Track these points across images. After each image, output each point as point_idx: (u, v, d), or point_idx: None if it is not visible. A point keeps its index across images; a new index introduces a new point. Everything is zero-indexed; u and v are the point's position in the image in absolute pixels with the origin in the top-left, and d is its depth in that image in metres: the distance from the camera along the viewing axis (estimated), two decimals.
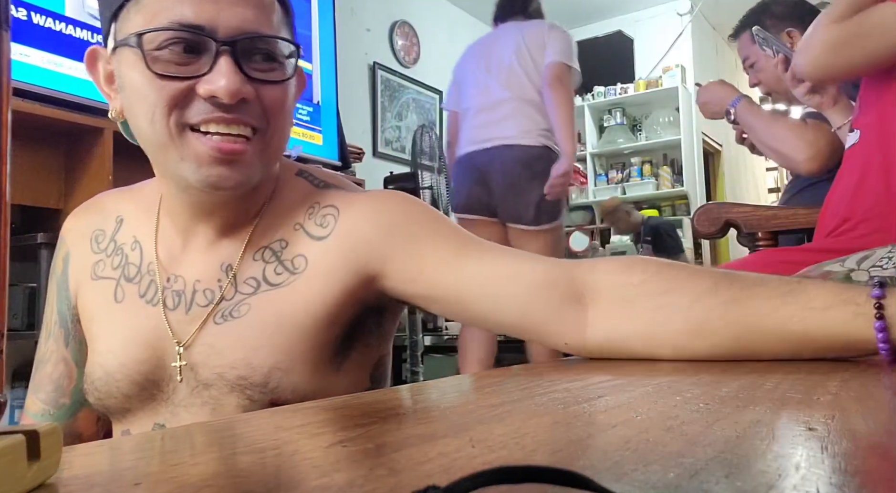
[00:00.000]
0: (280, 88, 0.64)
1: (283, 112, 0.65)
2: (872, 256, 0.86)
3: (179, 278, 0.69)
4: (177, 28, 0.59)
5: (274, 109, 0.63)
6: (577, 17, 5.00)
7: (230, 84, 0.59)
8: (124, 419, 0.70)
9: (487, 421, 0.37)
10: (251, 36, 0.61)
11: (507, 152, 2.34)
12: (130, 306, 0.69)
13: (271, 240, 0.68)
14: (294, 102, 0.69)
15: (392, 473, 0.27)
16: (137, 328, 0.68)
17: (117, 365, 0.68)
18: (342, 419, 0.42)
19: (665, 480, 0.24)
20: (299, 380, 0.64)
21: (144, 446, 0.37)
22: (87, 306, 0.73)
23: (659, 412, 0.38)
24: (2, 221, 0.27)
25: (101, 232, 0.75)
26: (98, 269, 0.73)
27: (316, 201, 0.70)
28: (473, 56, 2.57)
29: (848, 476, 0.24)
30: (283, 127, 0.66)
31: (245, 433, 0.39)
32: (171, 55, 0.60)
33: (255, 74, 0.61)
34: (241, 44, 0.60)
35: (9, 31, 0.28)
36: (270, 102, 0.63)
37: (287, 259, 0.67)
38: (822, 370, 0.55)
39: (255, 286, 0.66)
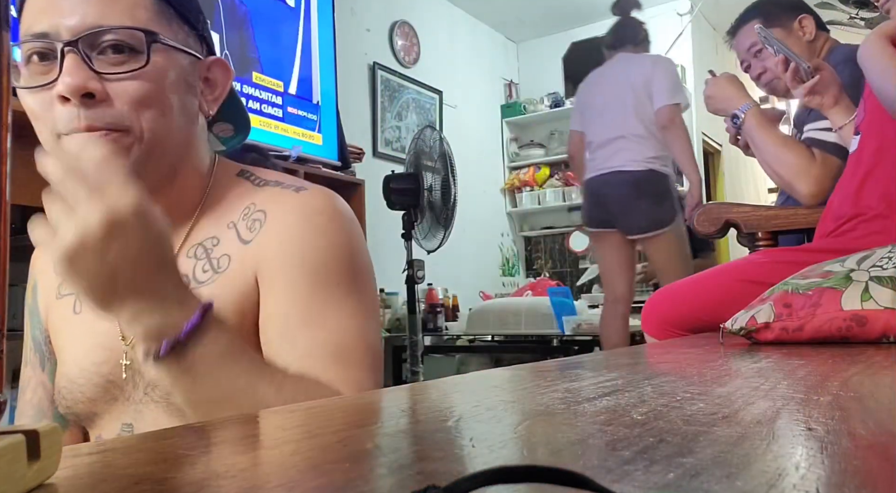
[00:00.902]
0: (140, 79, 0.61)
1: (150, 104, 0.62)
2: (872, 256, 0.86)
3: None
4: (28, 40, 0.60)
5: (137, 103, 0.61)
6: (578, 17, 5.00)
7: (73, 80, 0.58)
8: (95, 425, 0.71)
9: (487, 421, 0.37)
10: (92, 30, 0.60)
11: (618, 177, 2.75)
12: (86, 314, 0.70)
13: (205, 237, 0.69)
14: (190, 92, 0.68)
15: (392, 473, 0.27)
16: (93, 334, 0.69)
17: (78, 371, 0.69)
18: (342, 419, 0.42)
19: (665, 480, 0.24)
20: None
21: (144, 446, 0.37)
22: (53, 323, 0.76)
23: (659, 412, 0.38)
24: (2, 221, 0.27)
25: None
26: (61, 289, 0.75)
27: (252, 202, 0.70)
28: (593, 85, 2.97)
29: (848, 476, 0.24)
30: (156, 118, 0.63)
31: (245, 432, 0.39)
32: (34, 67, 0.61)
33: (107, 69, 0.60)
34: (84, 40, 0.59)
35: (9, 32, 0.28)
36: (131, 96, 0.61)
37: (215, 257, 0.68)
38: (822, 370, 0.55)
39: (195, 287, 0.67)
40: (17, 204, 2.22)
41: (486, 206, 4.88)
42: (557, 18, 5.05)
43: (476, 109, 4.92)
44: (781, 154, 1.49)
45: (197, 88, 0.70)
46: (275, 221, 0.68)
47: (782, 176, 1.50)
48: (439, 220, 2.66)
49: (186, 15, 0.68)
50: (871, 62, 1.20)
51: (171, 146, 0.66)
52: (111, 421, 0.69)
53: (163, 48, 0.63)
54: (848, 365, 0.61)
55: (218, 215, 0.70)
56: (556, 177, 5.11)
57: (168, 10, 0.65)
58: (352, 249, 0.69)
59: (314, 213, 0.68)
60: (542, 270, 5.13)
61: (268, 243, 0.67)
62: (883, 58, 1.43)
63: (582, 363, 0.72)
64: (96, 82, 0.60)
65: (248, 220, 0.69)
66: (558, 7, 4.87)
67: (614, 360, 0.80)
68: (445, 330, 3.37)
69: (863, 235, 1.17)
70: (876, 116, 1.19)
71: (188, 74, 0.67)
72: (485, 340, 3.25)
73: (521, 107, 5.19)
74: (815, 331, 0.82)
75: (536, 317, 2.93)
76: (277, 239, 0.67)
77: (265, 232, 0.67)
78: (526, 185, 5.12)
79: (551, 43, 5.29)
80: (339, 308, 0.66)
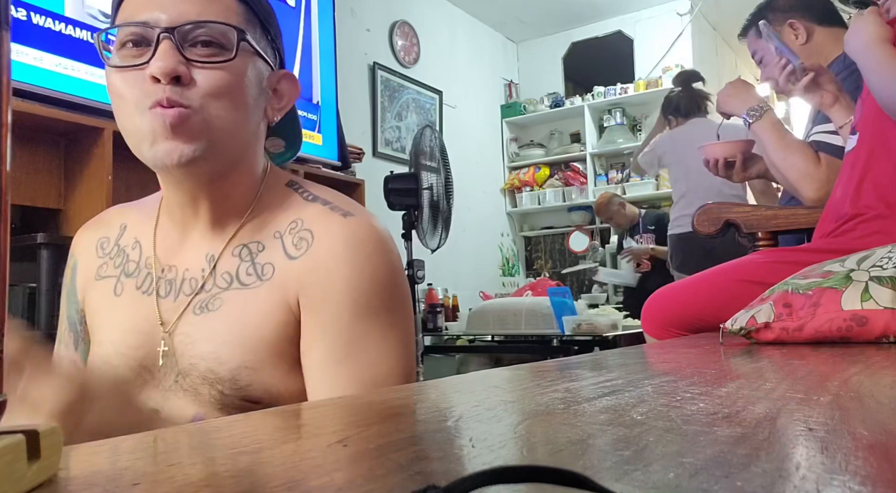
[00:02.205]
0: (221, 70, 0.67)
1: (226, 94, 0.67)
2: (872, 256, 0.86)
3: (173, 267, 0.73)
4: (124, 25, 0.66)
5: (213, 90, 0.66)
6: (577, 17, 5.00)
7: (165, 64, 0.64)
8: None
9: (487, 421, 0.37)
10: (189, 23, 0.66)
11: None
12: (128, 297, 0.74)
13: (251, 240, 0.72)
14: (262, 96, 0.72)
15: (392, 473, 0.27)
16: (132, 317, 0.72)
17: (114, 352, 0.72)
18: (342, 419, 0.42)
19: (665, 480, 0.24)
20: (271, 382, 0.67)
21: (143, 446, 0.37)
22: (91, 304, 0.78)
23: (659, 412, 0.38)
24: (2, 221, 0.27)
25: (105, 239, 0.80)
26: (102, 270, 0.78)
27: (300, 217, 0.73)
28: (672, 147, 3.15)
29: (848, 476, 0.24)
30: (228, 108, 0.68)
31: (244, 432, 0.39)
32: (128, 51, 0.66)
33: (194, 57, 0.66)
34: (180, 31, 0.65)
35: (9, 31, 0.28)
36: (209, 84, 0.66)
37: (259, 263, 0.71)
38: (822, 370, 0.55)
39: (229, 282, 0.70)
40: (17, 204, 2.22)
41: (486, 206, 4.88)
42: (557, 18, 5.05)
43: (476, 109, 4.92)
44: (788, 156, 1.49)
45: (268, 94, 0.74)
46: (321, 245, 0.70)
47: (788, 178, 1.50)
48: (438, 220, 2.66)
49: (268, 26, 0.74)
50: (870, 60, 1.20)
51: (235, 140, 0.70)
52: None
53: (247, 49, 0.69)
54: (848, 365, 0.61)
55: (265, 222, 0.73)
56: (556, 177, 5.11)
57: (254, 18, 0.71)
58: (393, 280, 0.72)
59: (360, 243, 0.71)
60: (542, 270, 5.13)
61: (314, 268, 0.69)
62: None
63: (582, 363, 0.72)
64: (185, 67, 0.65)
65: (295, 236, 0.71)
66: (558, 7, 4.87)
67: (614, 360, 0.80)
68: (445, 330, 3.37)
69: (863, 235, 1.17)
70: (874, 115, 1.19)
71: (262, 79, 0.72)
72: (485, 340, 3.25)
73: (521, 107, 5.19)
74: (815, 331, 0.82)
75: (536, 317, 2.93)
76: (325, 266, 0.69)
77: (311, 255, 0.70)
78: (526, 185, 5.12)
79: (551, 43, 5.29)
80: (380, 339, 0.70)
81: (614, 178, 4.91)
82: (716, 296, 1.26)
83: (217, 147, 0.68)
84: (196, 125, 0.65)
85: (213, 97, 0.66)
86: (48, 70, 1.95)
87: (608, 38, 5.09)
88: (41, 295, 1.85)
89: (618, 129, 4.94)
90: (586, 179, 4.96)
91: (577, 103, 5.00)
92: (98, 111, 2.01)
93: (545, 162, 5.15)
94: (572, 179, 5.05)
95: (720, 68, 5.34)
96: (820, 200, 1.44)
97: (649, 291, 1.50)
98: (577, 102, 5.00)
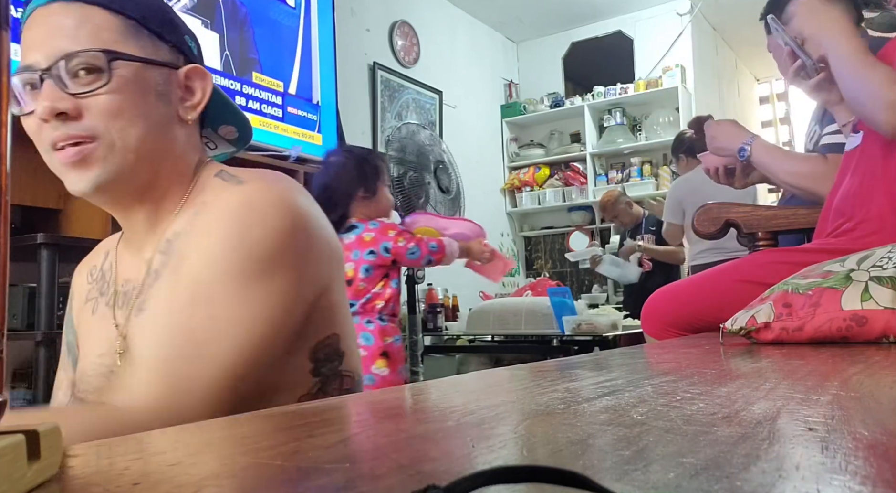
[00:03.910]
0: (106, 96, 0.68)
1: (118, 115, 0.69)
2: (872, 256, 0.86)
3: (128, 280, 0.77)
4: (18, 72, 0.69)
5: (106, 115, 0.68)
6: (577, 17, 4.99)
7: (45, 105, 0.66)
8: None
9: (487, 421, 0.37)
10: (60, 59, 0.67)
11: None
12: (99, 314, 0.78)
13: (173, 233, 0.73)
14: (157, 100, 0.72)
15: (392, 473, 0.27)
16: (100, 330, 0.76)
17: (88, 363, 0.76)
18: (342, 419, 0.42)
19: (665, 480, 0.24)
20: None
21: (144, 445, 0.37)
22: (79, 327, 0.83)
23: (659, 412, 0.38)
24: (2, 221, 0.27)
25: (94, 267, 0.85)
26: (89, 294, 0.82)
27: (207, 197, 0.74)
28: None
29: (848, 476, 0.24)
30: (125, 127, 0.69)
31: (244, 432, 0.39)
32: (28, 97, 0.69)
33: (78, 89, 0.68)
34: (56, 67, 0.67)
35: (9, 31, 0.28)
36: (97, 110, 0.68)
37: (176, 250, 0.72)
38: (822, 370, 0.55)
39: (155, 277, 0.72)
40: (17, 204, 2.22)
41: (486, 206, 4.88)
42: (557, 18, 5.05)
43: (476, 109, 4.92)
44: (796, 168, 1.50)
45: (171, 95, 0.74)
46: (209, 213, 0.71)
47: (804, 188, 1.51)
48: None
49: (156, 29, 0.73)
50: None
51: (145, 152, 0.71)
52: None
53: (127, 64, 0.70)
54: (848, 365, 0.61)
55: (187, 213, 0.74)
56: (556, 177, 5.11)
57: (135, 26, 0.71)
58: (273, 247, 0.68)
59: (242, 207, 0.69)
60: (542, 270, 5.13)
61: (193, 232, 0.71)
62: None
63: (582, 363, 0.72)
64: (66, 102, 0.67)
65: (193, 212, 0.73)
66: (558, 7, 4.87)
67: (614, 360, 0.80)
68: (445, 330, 3.37)
69: (863, 235, 1.17)
70: None
71: (158, 85, 0.72)
72: (485, 340, 3.25)
73: (521, 107, 5.19)
74: (815, 331, 0.82)
75: (536, 317, 2.93)
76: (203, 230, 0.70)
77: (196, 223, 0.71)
78: (526, 185, 5.11)
79: (551, 43, 5.28)
80: (234, 304, 0.66)
81: (614, 178, 4.91)
82: (716, 296, 1.26)
83: (125, 166, 0.70)
84: (97, 153, 0.68)
85: (106, 122, 0.68)
86: None
87: (608, 38, 5.09)
88: (41, 295, 1.85)
89: (618, 129, 4.94)
90: (586, 179, 4.96)
91: (577, 103, 4.99)
92: None
93: (545, 162, 5.15)
94: (572, 179, 5.04)
95: (720, 68, 5.34)
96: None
97: (649, 291, 1.50)
98: (577, 102, 5.00)
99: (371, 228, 1.99)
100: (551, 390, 0.48)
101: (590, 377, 0.55)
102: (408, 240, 1.99)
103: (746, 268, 1.31)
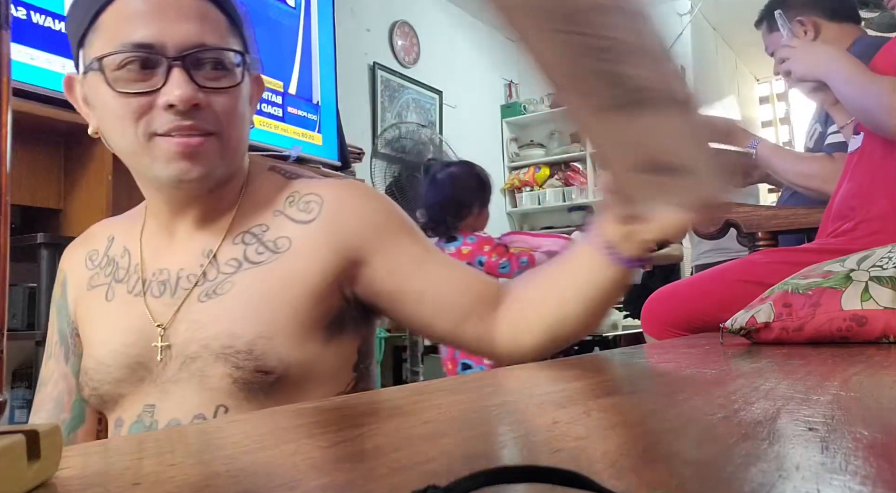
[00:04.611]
0: (230, 94, 0.70)
1: (235, 115, 0.71)
2: (872, 256, 0.86)
3: (165, 269, 0.75)
4: (129, 50, 0.66)
5: (226, 113, 0.70)
6: None
7: (184, 93, 0.66)
8: (117, 406, 0.74)
9: (487, 421, 0.37)
10: (197, 49, 0.68)
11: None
12: (119, 301, 0.76)
13: (251, 226, 0.75)
14: (249, 104, 0.76)
15: (392, 473, 0.27)
16: (125, 318, 0.74)
17: (107, 352, 0.73)
18: (342, 419, 0.42)
19: (665, 480, 0.24)
20: (284, 350, 0.69)
21: (144, 446, 0.37)
22: (82, 314, 0.80)
23: (659, 412, 0.38)
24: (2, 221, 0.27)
25: (94, 252, 0.83)
26: (93, 281, 0.80)
27: (295, 191, 0.77)
28: None
29: (848, 476, 0.24)
30: (238, 127, 0.72)
31: (244, 432, 0.39)
32: (130, 73, 0.67)
33: (206, 83, 0.68)
34: (190, 57, 0.67)
35: (9, 31, 0.28)
36: (222, 107, 0.70)
37: (269, 240, 0.74)
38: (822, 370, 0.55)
39: (237, 266, 0.73)
40: (17, 204, 2.22)
41: None
42: None
43: (476, 109, 4.92)
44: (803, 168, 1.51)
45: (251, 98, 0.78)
46: (335, 200, 0.75)
47: (813, 188, 1.52)
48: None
49: (244, 35, 0.76)
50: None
51: (241, 152, 0.75)
52: (134, 403, 0.72)
53: (241, 65, 0.72)
54: (848, 365, 0.61)
55: (258, 205, 0.76)
56: (556, 177, 5.11)
57: (234, 26, 0.74)
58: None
59: (365, 189, 0.79)
60: None
61: (340, 216, 0.74)
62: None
63: (582, 363, 0.72)
64: (202, 95, 0.68)
65: (300, 204, 0.76)
66: None
67: (614, 360, 0.80)
68: None
69: (863, 235, 1.17)
70: None
71: (249, 88, 0.76)
72: None
73: (521, 107, 5.19)
74: (815, 331, 0.82)
75: None
76: (353, 210, 0.75)
77: (329, 209, 0.74)
78: (526, 185, 5.11)
79: None
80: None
81: None
82: (716, 296, 1.26)
83: (226, 164, 0.72)
84: (212, 148, 0.69)
85: (225, 119, 0.70)
86: (48, 70, 1.95)
87: None
88: (41, 295, 1.85)
89: None
90: (586, 179, 4.96)
91: None
92: None
93: (545, 162, 5.15)
94: (572, 179, 5.04)
95: (720, 68, 5.33)
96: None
97: (649, 291, 1.50)
98: None
99: (469, 243, 2.10)
100: (551, 390, 0.48)
101: (590, 377, 0.55)
102: (500, 255, 2.10)
103: (746, 268, 1.31)
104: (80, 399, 0.79)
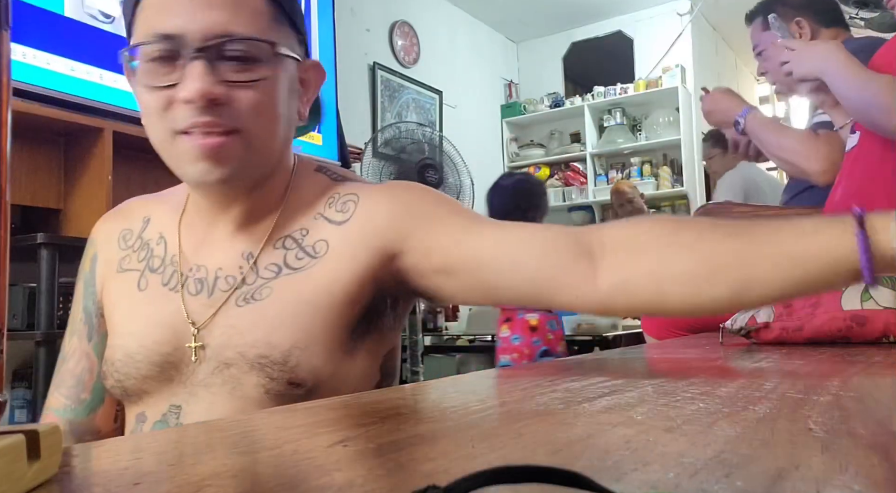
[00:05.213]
0: (258, 88, 0.65)
1: (263, 111, 0.66)
2: None
3: (202, 266, 0.72)
4: (152, 41, 0.63)
5: (252, 109, 0.65)
6: (577, 17, 4.99)
7: (198, 87, 0.61)
8: (140, 402, 0.71)
9: (487, 421, 0.37)
10: (221, 40, 0.63)
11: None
12: (153, 293, 0.72)
13: (292, 230, 0.72)
14: (298, 98, 0.72)
15: (392, 473, 0.27)
16: (158, 312, 0.71)
17: (137, 346, 0.70)
18: (342, 419, 0.42)
19: (665, 480, 0.24)
20: (316, 362, 0.66)
21: (144, 445, 0.37)
22: (111, 297, 0.76)
23: (659, 412, 0.38)
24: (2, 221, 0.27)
25: (128, 231, 0.78)
26: (124, 263, 0.76)
27: (336, 192, 0.73)
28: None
29: (848, 476, 0.24)
30: (266, 125, 0.67)
31: (245, 432, 0.39)
32: (157, 67, 0.64)
33: (231, 76, 0.64)
34: (213, 48, 0.63)
35: (9, 31, 0.28)
36: (248, 102, 0.64)
37: (308, 245, 0.70)
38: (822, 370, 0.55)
39: (277, 271, 0.70)
40: (17, 204, 2.22)
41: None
42: (557, 18, 5.04)
43: (476, 109, 4.92)
44: (785, 141, 1.50)
45: (298, 91, 0.73)
46: (370, 197, 0.71)
47: (792, 162, 1.51)
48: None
49: (295, 19, 0.71)
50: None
51: (274, 151, 0.70)
52: (160, 401, 0.70)
53: (281, 58, 0.67)
54: (848, 365, 0.61)
55: (301, 208, 0.73)
56: (556, 177, 5.11)
57: (282, 16, 0.68)
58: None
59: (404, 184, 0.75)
60: None
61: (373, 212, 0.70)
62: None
63: (582, 363, 0.72)
64: (220, 88, 0.63)
65: (337, 204, 0.72)
66: (558, 7, 4.87)
67: (614, 360, 0.80)
68: (445, 330, 3.37)
69: None
70: None
71: (293, 80, 0.71)
72: (485, 340, 3.25)
73: (521, 107, 5.19)
74: (815, 331, 0.82)
75: None
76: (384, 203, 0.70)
77: (363, 207, 0.71)
78: None
79: (551, 43, 5.28)
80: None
81: (614, 178, 4.91)
82: None
83: (254, 163, 0.68)
84: (235, 147, 0.65)
85: (251, 116, 0.65)
86: (48, 70, 1.95)
87: (608, 38, 5.09)
88: (41, 295, 1.85)
89: (618, 129, 4.94)
90: (586, 179, 4.96)
91: (577, 103, 4.99)
92: (98, 111, 2.01)
93: (545, 162, 5.15)
94: (572, 179, 5.04)
95: (720, 68, 5.34)
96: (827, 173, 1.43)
97: None
98: (577, 102, 5.00)
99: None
100: (551, 390, 0.48)
101: (590, 377, 0.55)
102: None
103: None
104: (100, 383, 0.76)
